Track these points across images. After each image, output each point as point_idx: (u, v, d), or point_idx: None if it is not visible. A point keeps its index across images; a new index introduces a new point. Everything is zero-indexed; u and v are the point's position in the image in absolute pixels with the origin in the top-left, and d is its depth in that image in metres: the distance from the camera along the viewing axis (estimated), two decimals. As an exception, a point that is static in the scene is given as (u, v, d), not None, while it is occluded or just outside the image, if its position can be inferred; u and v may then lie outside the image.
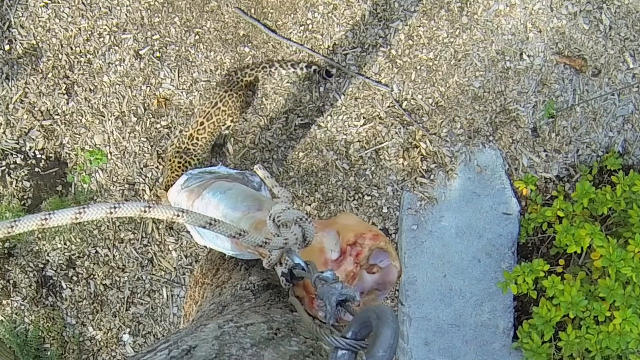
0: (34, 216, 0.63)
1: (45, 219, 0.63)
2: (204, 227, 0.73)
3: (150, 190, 2.65)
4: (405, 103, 2.67)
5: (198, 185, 1.12)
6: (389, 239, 1.00)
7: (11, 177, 2.65)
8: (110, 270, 2.63)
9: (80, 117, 2.68)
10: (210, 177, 1.16)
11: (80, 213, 0.65)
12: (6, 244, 2.63)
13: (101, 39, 2.70)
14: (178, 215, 0.71)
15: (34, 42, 2.70)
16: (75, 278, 2.64)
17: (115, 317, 2.62)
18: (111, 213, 0.66)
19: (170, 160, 2.42)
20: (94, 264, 2.63)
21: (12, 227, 0.62)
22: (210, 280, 1.22)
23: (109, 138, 2.67)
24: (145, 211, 0.68)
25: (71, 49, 2.70)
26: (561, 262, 2.33)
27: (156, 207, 0.69)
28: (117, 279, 2.63)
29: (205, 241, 1.09)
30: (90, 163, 2.65)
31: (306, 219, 0.84)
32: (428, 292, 2.55)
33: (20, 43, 2.70)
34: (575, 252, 2.16)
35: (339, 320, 0.72)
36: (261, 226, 0.94)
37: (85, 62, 2.70)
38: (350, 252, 0.93)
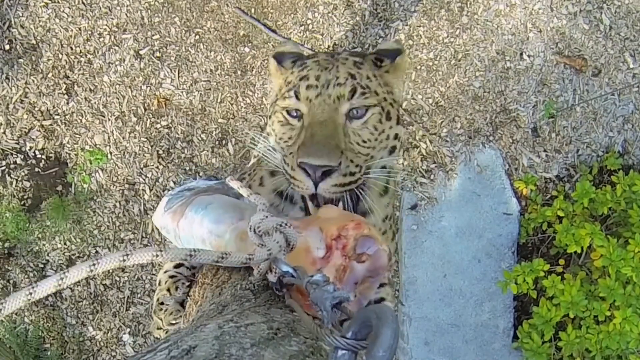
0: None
1: (30, 295, 0.66)
2: (186, 260, 0.74)
3: (150, 190, 2.65)
4: (405, 103, 2.67)
5: (180, 205, 1.12)
6: (372, 225, 0.98)
7: (11, 177, 2.65)
8: (110, 270, 2.63)
9: (80, 117, 2.68)
10: (190, 194, 1.15)
11: (62, 279, 0.67)
12: (6, 244, 2.63)
13: (101, 39, 2.70)
14: (157, 255, 0.71)
15: (34, 42, 2.70)
16: (75, 278, 2.63)
17: (115, 317, 2.62)
18: (91, 271, 0.69)
19: None
20: (94, 264, 2.63)
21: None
22: (210, 280, 1.22)
23: (109, 138, 2.67)
24: (124, 260, 0.70)
25: (71, 49, 2.70)
26: (561, 262, 2.33)
27: (133, 253, 0.70)
28: (117, 279, 2.63)
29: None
30: (91, 163, 2.65)
31: (286, 224, 0.84)
32: (428, 292, 2.55)
33: (20, 43, 2.70)
34: (575, 252, 2.16)
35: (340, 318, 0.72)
36: (245, 237, 0.93)
37: (85, 62, 2.70)
38: (337, 246, 0.93)
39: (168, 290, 1.25)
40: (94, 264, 0.68)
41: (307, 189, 0.96)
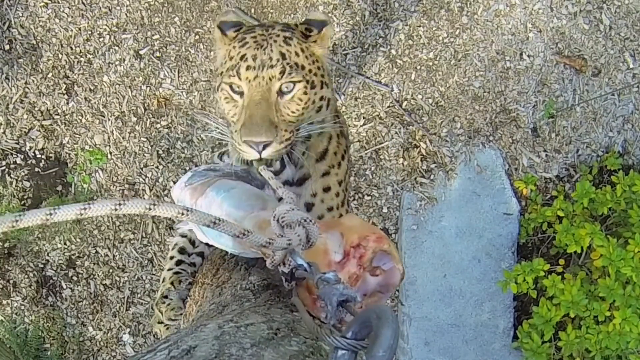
0: (38, 211, 0.63)
1: (50, 214, 0.64)
2: (208, 226, 0.73)
3: (150, 190, 2.65)
4: (405, 103, 2.67)
5: (201, 183, 1.12)
6: (392, 242, 1.00)
7: (11, 177, 2.65)
8: (110, 270, 2.63)
9: (80, 117, 2.68)
10: (214, 175, 1.16)
11: (85, 209, 0.65)
12: (6, 244, 2.63)
13: (101, 39, 2.70)
14: (183, 214, 0.71)
15: (34, 42, 2.70)
16: (75, 278, 2.64)
17: (115, 317, 2.62)
18: (116, 210, 0.67)
19: None
20: (94, 264, 2.63)
21: (16, 221, 0.63)
22: (210, 280, 1.22)
23: (109, 138, 2.67)
24: (150, 209, 0.68)
25: (71, 49, 2.70)
26: (561, 262, 2.33)
27: (161, 205, 0.69)
28: (117, 279, 2.63)
29: (208, 238, 1.09)
30: (90, 163, 2.65)
31: (310, 220, 0.84)
32: (428, 292, 2.55)
33: (20, 43, 2.70)
34: (575, 252, 2.16)
35: (342, 321, 0.72)
36: (265, 226, 0.94)
37: (85, 62, 2.70)
38: (354, 254, 0.94)
39: (172, 284, 1.32)
40: (119, 204, 0.67)
41: (254, 156, 1.16)
